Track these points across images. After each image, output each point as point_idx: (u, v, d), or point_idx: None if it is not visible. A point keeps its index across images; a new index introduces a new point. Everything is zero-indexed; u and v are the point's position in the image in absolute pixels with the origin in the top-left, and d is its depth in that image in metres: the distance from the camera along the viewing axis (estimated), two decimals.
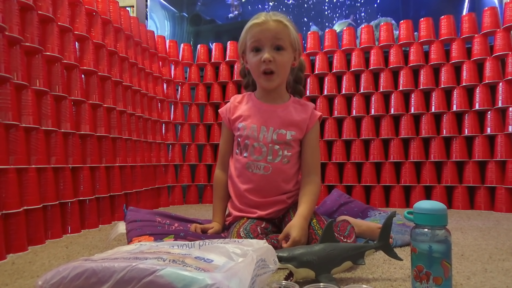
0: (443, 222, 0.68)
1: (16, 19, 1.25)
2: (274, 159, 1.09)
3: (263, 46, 1.04)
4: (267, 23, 1.04)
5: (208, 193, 2.53)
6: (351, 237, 0.99)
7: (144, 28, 2.29)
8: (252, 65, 1.09)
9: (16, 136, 1.21)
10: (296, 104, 1.15)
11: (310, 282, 0.75)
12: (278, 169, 1.09)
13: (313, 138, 1.13)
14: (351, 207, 1.51)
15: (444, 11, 2.38)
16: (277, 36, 1.04)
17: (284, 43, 1.05)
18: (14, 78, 1.23)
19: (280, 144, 1.09)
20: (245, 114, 1.13)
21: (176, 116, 2.56)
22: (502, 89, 2.05)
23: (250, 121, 1.11)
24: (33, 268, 0.97)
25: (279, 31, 1.04)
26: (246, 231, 0.98)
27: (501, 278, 0.83)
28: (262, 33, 1.04)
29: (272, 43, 1.04)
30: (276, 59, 1.04)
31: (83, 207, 1.56)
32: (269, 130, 1.09)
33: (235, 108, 1.16)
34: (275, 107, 1.12)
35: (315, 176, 1.10)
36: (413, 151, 2.23)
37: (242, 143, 1.11)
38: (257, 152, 1.09)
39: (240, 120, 1.13)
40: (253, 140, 1.10)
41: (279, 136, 1.09)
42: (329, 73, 2.40)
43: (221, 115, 1.19)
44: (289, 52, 1.07)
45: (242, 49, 1.13)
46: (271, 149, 1.09)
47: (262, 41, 1.04)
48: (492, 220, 1.67)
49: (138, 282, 0.51)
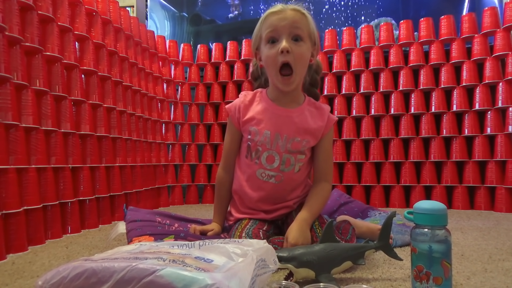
0: (443, 222, 0.68)
1: (16, 19, 1.25)
2: (287, 168, 1.04)
3: (280, 35, 0.95)
4: (284, 11, 0.96)
5: (208, 193, 2.53)
6: (353, 241, 0.98)
7: (144, 28, 2.29)
8: (267, 59, 0.98)
9: (16, 136, 1.21)
10: (311, 107, 1.07)
11: (310, 282, 0.75)
12: (290, 178, 1.05)
13: (327, 144, 1.07)
14: (351, 207, 1.51)
15: (444, 11, 2.38)
16: (295, 25, 0.95)
17: (303, 33, 0.96)
18: (14, 78, 1.23)
19: (294, 153, 1.03)
20: (258, 117, 1.04)
21: (176, 116, 2.56)
22: (502, 89, 2.05)
23: (263, 126, 1.03)
24: (33, 268, 0.97)
25: (297, 19, 0.95)
26: (249, 237, 0.96)
27: (501, 278, 0.83)
28: (279, 22, 0.95)
29: (290, 32, 0.95)
30: (294, 50, 0.94)
31: (83, 207, 1.56)
32: (283, 138, 1.02)
33: (246, 108, 1.07)
34: (290, 112, 1.04)
35: (325, 183, 1.06)
36: (413, 151, 2.23)
37: (253, 149, 1.05)
38: (269, 160, 1.03)
39: (252, 124, 1.05)
40: (266, 147, 1.03)
41: (294, 145, 1.03)
42: (329, 73, 2.40)
43: (229, 112, 1.08)
44: (307, 44, 0.98)
45: (256, 44, 1.04)
46: (284, 158, 1.03)
47: (279, 30, 0.95)
48: (492, 220, 1.67)
49: (138, 282, 0.51)
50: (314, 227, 1.00)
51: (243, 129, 1.08)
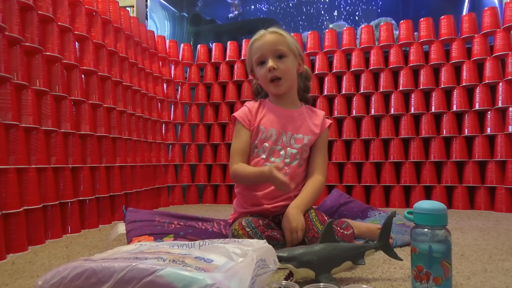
0: (443, 222, 0.68)
1: (16, 19, 1.25)
2: (291, 162, 1.12)
3: (266, 57, 1.12)
4: (264, 36, 1.13)
5: (208, 193, 2.53)
6: (349, 229, 1.00)
7: (144, 28, 2.29)
8: (260, 77, 1.16)
9: (16, 136, 1.21)
10: (308, 110, 1.21)
11: (310, 282, 0.75)
12: (293, 172, 1.12)
13: (322, 142, 1.18)
14: (351, 207, 1.51)
15: (444, 11, 2.38)
16: (276, 46, 1.11)
17: (284, 50, 1.12)
18: (14, 78, 1.23)
19: (298, 148, 1.13)
20: (265, 118, 1.16)
21: (176, 116, 2.56)
22: (502, 89, 2.05)
23: (269, 125, 1.14)
24: (33, 268, 0.97)
25: (276, 40, 1.11)
26: (248, 221, 1.01)
27: (501, 278, 0.83)
28: (263, 46, 1.12)
29: (273, 53, 1.11)
30: (279, 66, 1.11)
31: (83, 207, 1.56)
32: (287, 134, 1.14)
33: (255, 113, 1.17)
34: (291, 112, 1.17)
35: (319, 175, 1.14)
36: (413, 151, 2.23)
37: (259, 146, 1.14)
38: (275, 154, 1.13)
39: (261, 123, 1.15)
40: (272, 143, 1.13)
41: (297, 141, 1.14)
42: (329, 73, 2.40)
43: (239, 119, 1.16)
44: (291, 58, 1.13)
45: (250, 67, 1.21)
46: (289, 153, 1.13)
47: (264, 53, 1.12)
48: (492, 220, 1.67)
49: (138, 282, 0.51)
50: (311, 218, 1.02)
51: (252, 130, 1.16)
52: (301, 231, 1.00)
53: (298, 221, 1.00)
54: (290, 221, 1.00)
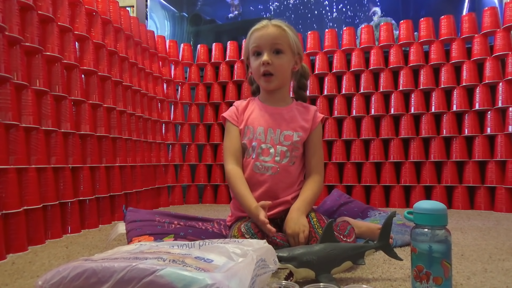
0: (443, 222, 0.68)
1: (16, 19, 1.25)
2: (282, 160, 1.11)
3: (263, 50, 1.10)
4: (266, 27, 1.10)
5: (208, 193, 2.53)
6: (351, 237, 0.99)
7: (144, 28, 2.29)
8: (253, 68, 1.14)
9: (16, 136, 1.21)
10: (299, 106, 1.18)
11: (310, 282, 0.75)
12: (285, 170, 1.11)
13: (316, 139, 1.16)
14: (351, 207, 1.51)
15: (444, 11, 2.38)
16: (276, 41, 1.09)
17: (282, 46, 1.09)
18: (14, 78, 1.23)
19: (288, 146, 1.11)
20: (252, 117, 1.15)
21: (176, 116, 2.56)
22: (502, 89, 2.05)
23: (256, 123, 1.13)
24: (33, 268, 0.97)
25: (277, 35, 1.09)
26: (247, 227, 0.98)
27: (501, 278, 0.84)
28: (262, 38, 1.09)
29: (271, 47, 1.09)
30: (274, 62, 1.09)
31: (83, 207, 1.56)
32: (276, 132, 1.12)
33: (242, 111, 1.17)
34: (280, 109, 1.15)
35: (316, 175, 1.13)
36: (413, 151, 2.23)
37: (249, 145, 1.12)
38: (265, 153, 1.11)
39: (247, 123, 1.14)
40: (260, 141, 1.11)
41: (286, 138, 1.12)
42: (329, 73, 2.40)
43: (227, 118, 1.17)
44: (288, 55, 1.11)
45: (246, 55, 1.18)
46: (278, 150, 1.11)
47: (262, 45, 1.09)
48: (492, 220, 1.67)
49: (138, 282, 0.51)
50: (313, 225, 1.00)
51: (241, 130, 1.15)
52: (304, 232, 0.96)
53: (300, 224, 0.98)
54: (293, 226, 0.97)
